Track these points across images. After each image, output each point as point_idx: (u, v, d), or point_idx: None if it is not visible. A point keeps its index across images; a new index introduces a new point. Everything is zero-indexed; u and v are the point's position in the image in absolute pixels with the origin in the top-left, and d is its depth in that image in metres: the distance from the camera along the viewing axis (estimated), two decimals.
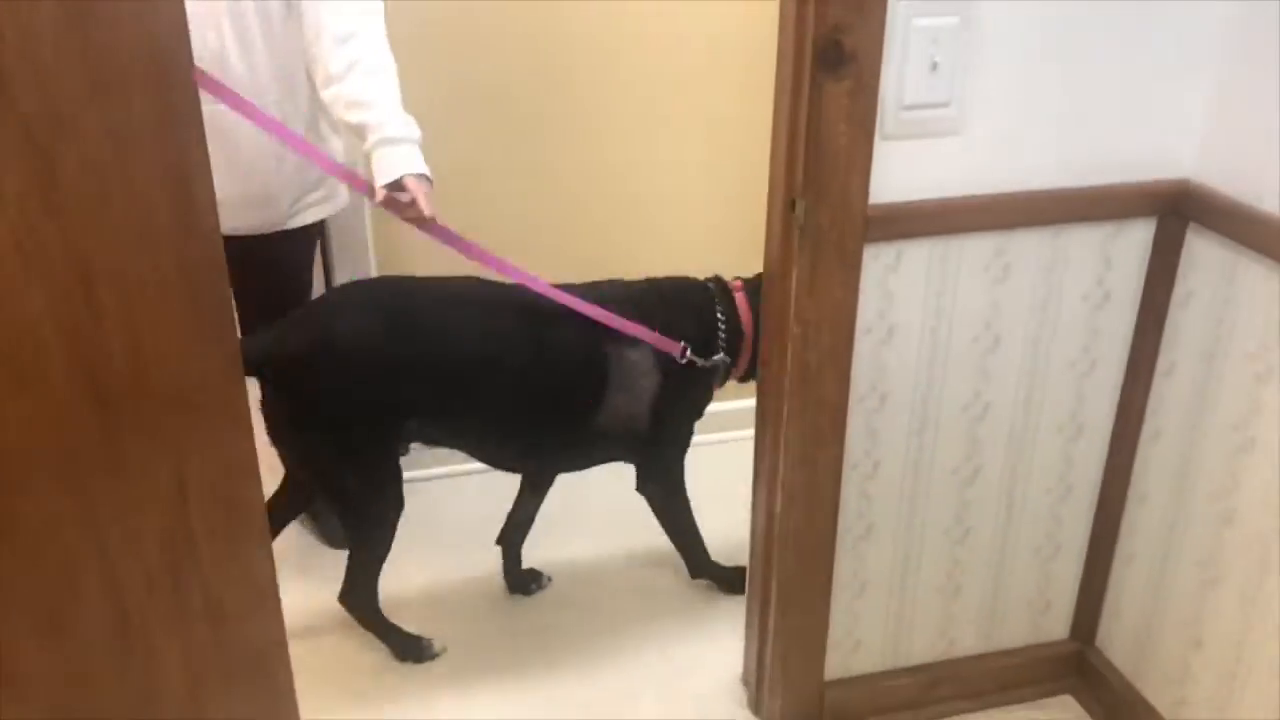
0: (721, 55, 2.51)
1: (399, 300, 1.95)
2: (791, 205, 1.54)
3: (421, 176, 1.83)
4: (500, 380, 1.96)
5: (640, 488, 2.21)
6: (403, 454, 2.13)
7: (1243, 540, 1.62)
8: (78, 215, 1.06)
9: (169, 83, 1.07)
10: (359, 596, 2.11)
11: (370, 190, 1.86)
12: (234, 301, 1.32)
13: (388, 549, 2.06)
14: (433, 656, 2.16)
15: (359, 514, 2.04)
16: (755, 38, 1.55)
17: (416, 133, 1.86)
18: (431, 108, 2.38)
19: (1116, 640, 1.94)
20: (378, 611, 2.14)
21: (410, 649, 2.16)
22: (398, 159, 1.82)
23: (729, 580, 2.29)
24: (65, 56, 1.01)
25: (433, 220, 1.84)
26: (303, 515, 2.51)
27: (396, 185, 1.82)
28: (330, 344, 1.90)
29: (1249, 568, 1.61)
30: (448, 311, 1.97)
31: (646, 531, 2.48)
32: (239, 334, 1.35)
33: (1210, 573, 1.69)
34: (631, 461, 2.16)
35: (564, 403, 2.01)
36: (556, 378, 1.99)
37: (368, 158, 1.85)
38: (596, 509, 2.57)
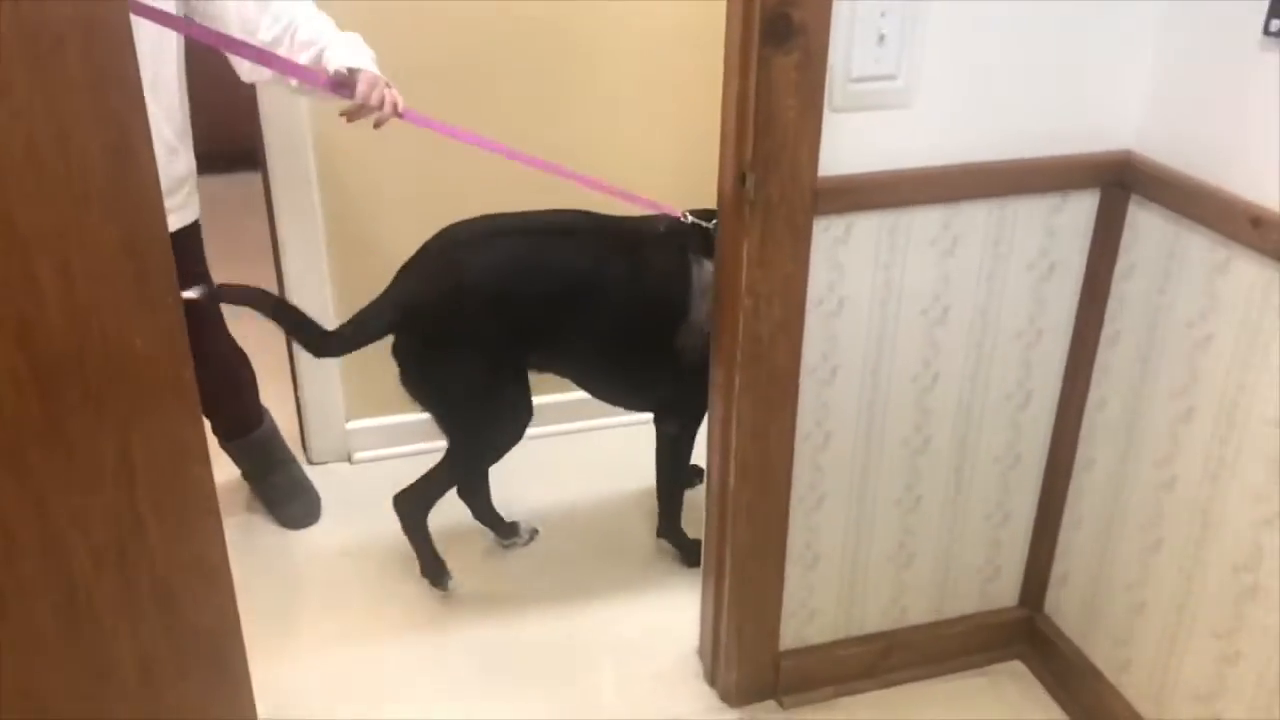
0: (683, 30, 2.51)
1: (512, 236, 2.06)
2: (742, 179, 1.55)
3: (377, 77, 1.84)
4: (604, 303, 2.05)
5: (660, 421, 2.24)
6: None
7: (1182, 505, 1.66)
8: (8, 177, 1.04)
9: (104, 37, 1.05)
10: (415, 507, 2.20)
11: (342, 89, 1.83)
12: None
13: (475, 478, 2.25)
14: (445, 588, 2.24)
15: (478, 442, 2.16)
16: (715, 11, 1.55)
17: (368, 50, 1.88)
18: (398, 69, 2.38)
19: (1064, 606, 1.98)
20: (424, 524, 2.22)
21: (432, 572, 2.25)
22: (349, 54, 1.84)
23: (688, 551, 2.31)
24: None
25: (405, 110, 1.86)
26: (259, 501, 2.50)
27: (352, 81, 1.82)
28: (461, 285, 2.02)
29: (1189, 532, 1.65)
30: (555, 242, 2.08)
31: (603, 507, 2.50)
32: None
33: (1152, 537, 1.73)
34: (674, 394, 2.15)
35: (657, 320, 2.05)
36: (651, 296, 2.06)
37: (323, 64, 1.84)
38: (559, 487, 2.58)
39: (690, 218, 2.02)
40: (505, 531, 2.38)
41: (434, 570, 2.25)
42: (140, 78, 1.09)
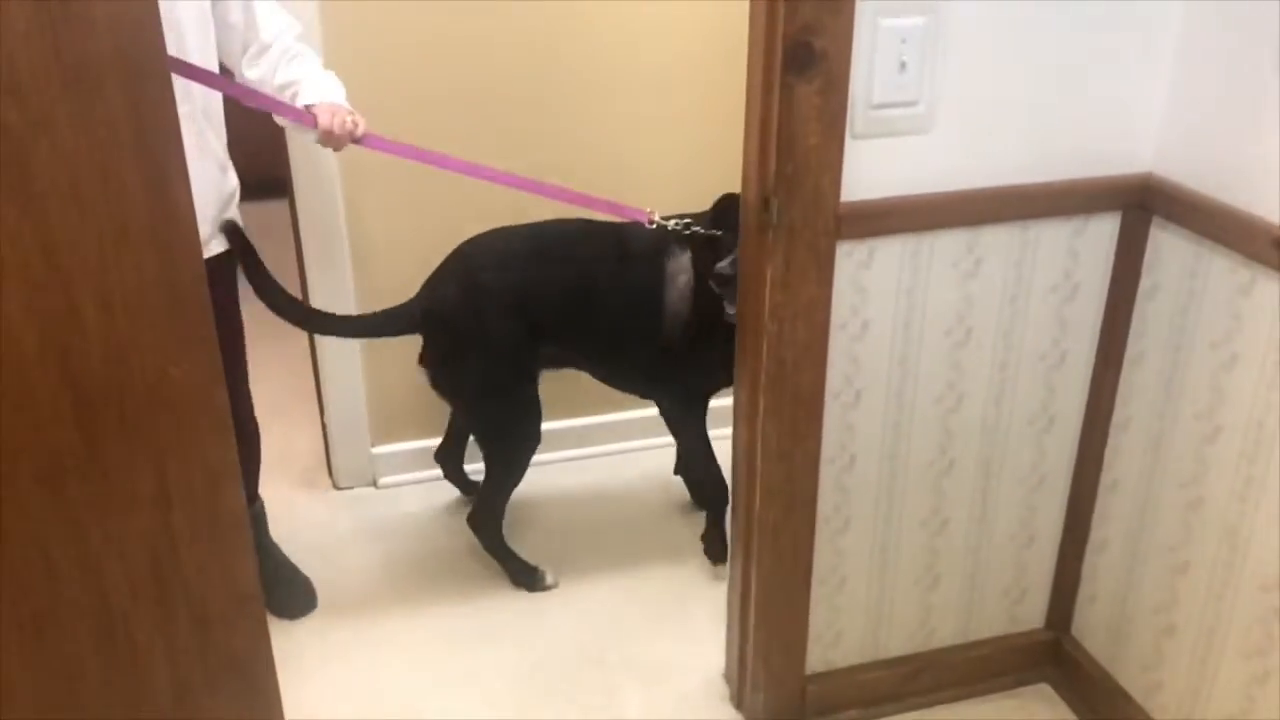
0: (703, 51, 2.53)
1: (524, 244, 2.24)
2: (765, 204, 1.56)
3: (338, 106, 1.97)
4: (598, 298, 2.23)
5: (658, 404, 2.42)
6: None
7: (1210, 526, 1.65)
8: (54, 214, 1.07)
9: (143, 77, 1.08)
10: (487, 521, 2.34)
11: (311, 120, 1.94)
12: None
13: (520, 477, 2.32)
14: (545, 587, 2.33)
15: (503, 441, 2.30)
16: (735, 34, 1.58)
17: (340, 87, 2.01)
18: (424, 107, 2.43)
19: (1091, 628, 1.97)
20: (500, 537, 2.35)
21: (525, 577, 2.35)
22: (315, 93, 1.96)
23: (714, 548, 2.39)
24: (39, 59, 1.01)
25: (366, 134, 1.98)
26: None
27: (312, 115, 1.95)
28: (477, 287, 2.20)
29: (1217, 553, 1.65)
30: (559, 248, 2.26)
31: (627, 531, 2.51)
32: None
33: (1180, 558, 1.72)
34: (660, 374, 2.32)
35: (638, 309, 2.22)
36: (638, 290, 2.22)
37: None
38: (584, 512, 2.59)
39: (658, 220, 2.13)
40: (526, 577, 2.37)
41: (526, 576, 2.35)
42: (177, 114, 1.12)
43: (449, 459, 2.61)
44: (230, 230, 2.05)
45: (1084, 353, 1.81)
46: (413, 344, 2.62)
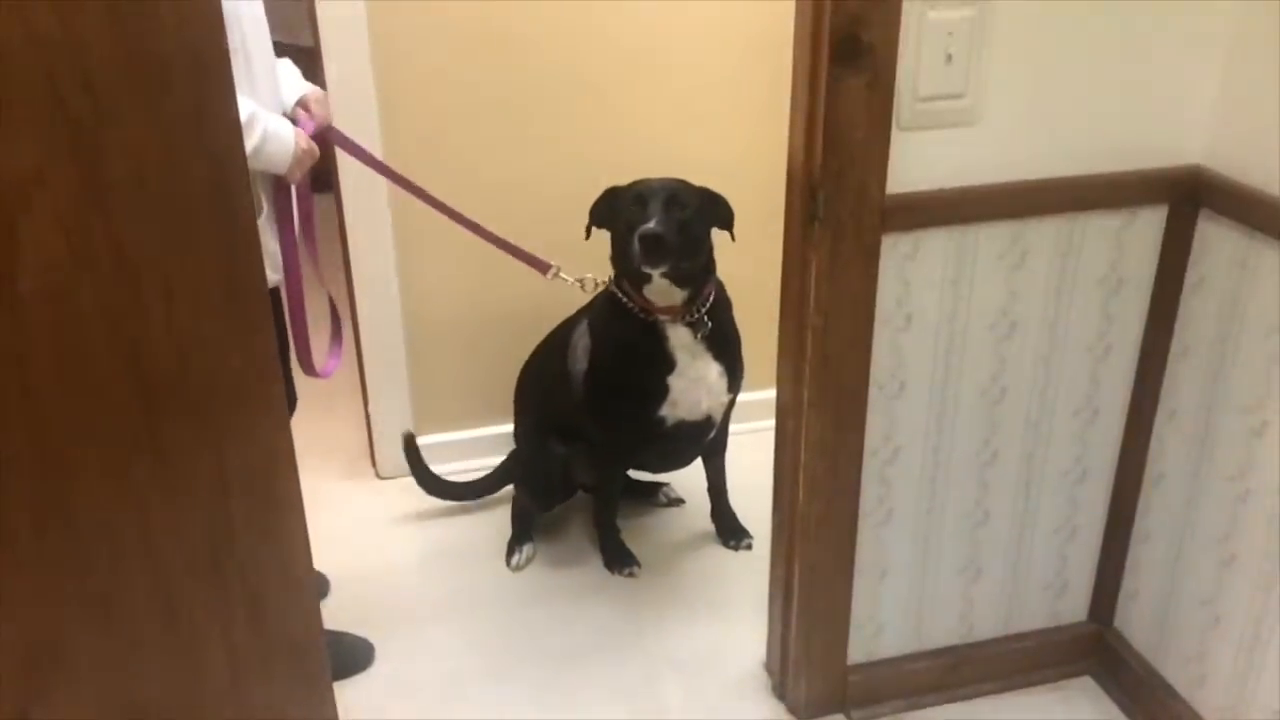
0: (744, 44, 2.54)
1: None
2: (812, 196, 1.57)
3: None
4: (543, 364, 2.42)
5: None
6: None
7: (1258, 518, 1.65)
8: (123, 207, 1.10)
9: (208, 75, 1.11)
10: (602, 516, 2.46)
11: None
12: None
13: (544, 498, 2.47)
14: (630, 574, 2.39)
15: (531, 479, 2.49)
16: (780, 30, 1.59)
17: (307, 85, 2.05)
18: (461, 112, 2.45)
19: (1134, 621, 1.97)
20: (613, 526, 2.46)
21: (618, 560, 2.42)
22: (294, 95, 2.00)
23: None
24: (110, 54, 1.04)
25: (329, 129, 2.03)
26: None
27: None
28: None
29: (1265, 545, 1.64)
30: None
31: (666, 520, 2.52)
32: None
33: (1227, 550, 1.72)
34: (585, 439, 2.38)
35: (567, 386, 2.31)
36: (569, 363, 2.31)
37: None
38: (624, 503, 2.61)
39: (557, 272, 2.26)
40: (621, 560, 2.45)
41: (619, 561, 2.42)
42: (239, 112, 1.15)
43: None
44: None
45: (1129, 346, 1.80)
46: (456, 338, 2.66)
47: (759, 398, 2.33)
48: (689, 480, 2.55)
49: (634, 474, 2.60)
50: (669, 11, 2.49)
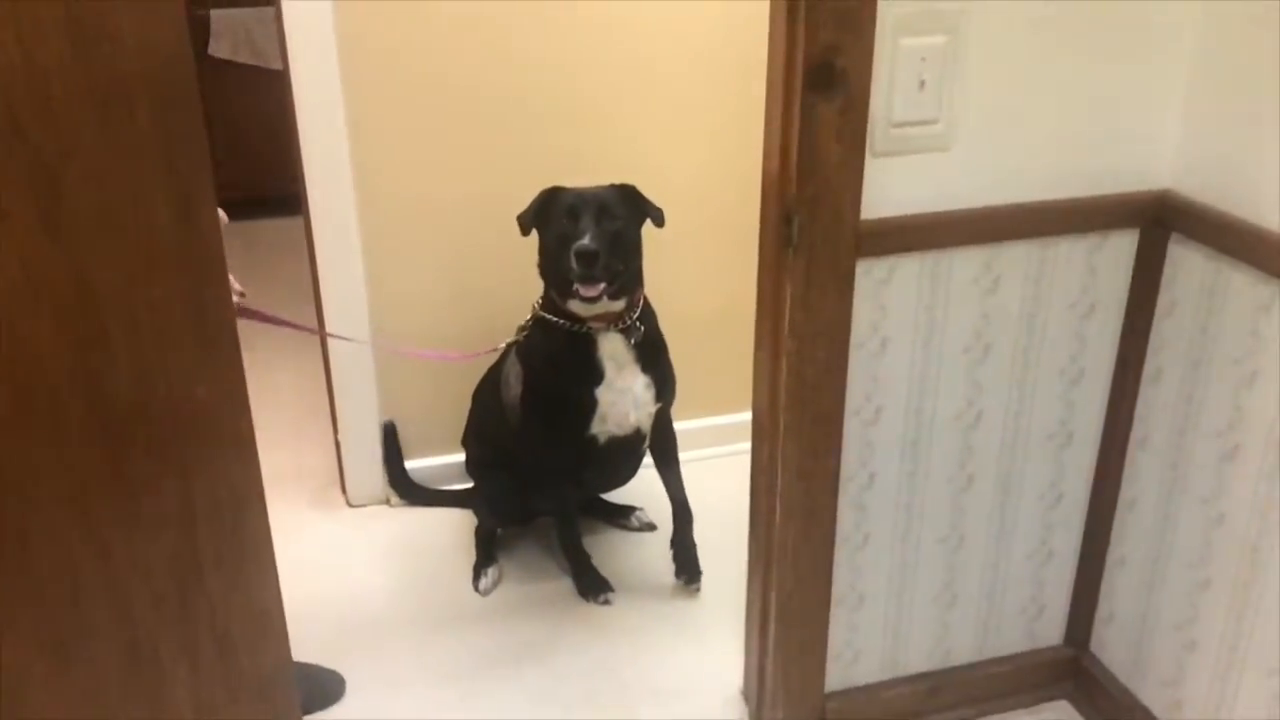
0: (721, 63, 2.55)
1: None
2: (786, 222, 1.57)
3: None
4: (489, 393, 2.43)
5: None
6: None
7: (1231, 542, 1.65)
8: (84, 237, 1.07)
9: (172, 101, 1.09)
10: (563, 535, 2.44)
11: None
12: None
13: (497, 518, 2.49)
14: (606, 602, 2.36)
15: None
16: (759, 54, 1.59)
17: None
18: (430, 129, 2.44)
19: (1110, 645, 1.97)
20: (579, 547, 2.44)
21: (592, 587, 2.38)
22: None
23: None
24: (72, 83, 1.02)
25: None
26: None
27: None
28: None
29: (1239, 569, 1.64)
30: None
31: (639, 544, 2.50)
32: None
33: (1201, 574, 1.72)
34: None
35: (503, 417, 2.36)
36: (503, 393, 2.36)
37: None
38: (600, 530, 2.59)
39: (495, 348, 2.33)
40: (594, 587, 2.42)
41: (592, 588, 2.39)
42: (205, 139, 1.13)
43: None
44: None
45: (1102, 369, 1.81)
46: (427, 362, 2.63)
47: (736, 420, 2.32)
48: (662, 505, 2.53)
49: (607, 497, 2.59)
50: (646, 32, 2.50)
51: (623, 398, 2.20)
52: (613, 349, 2.17)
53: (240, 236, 2.22)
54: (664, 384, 2.27)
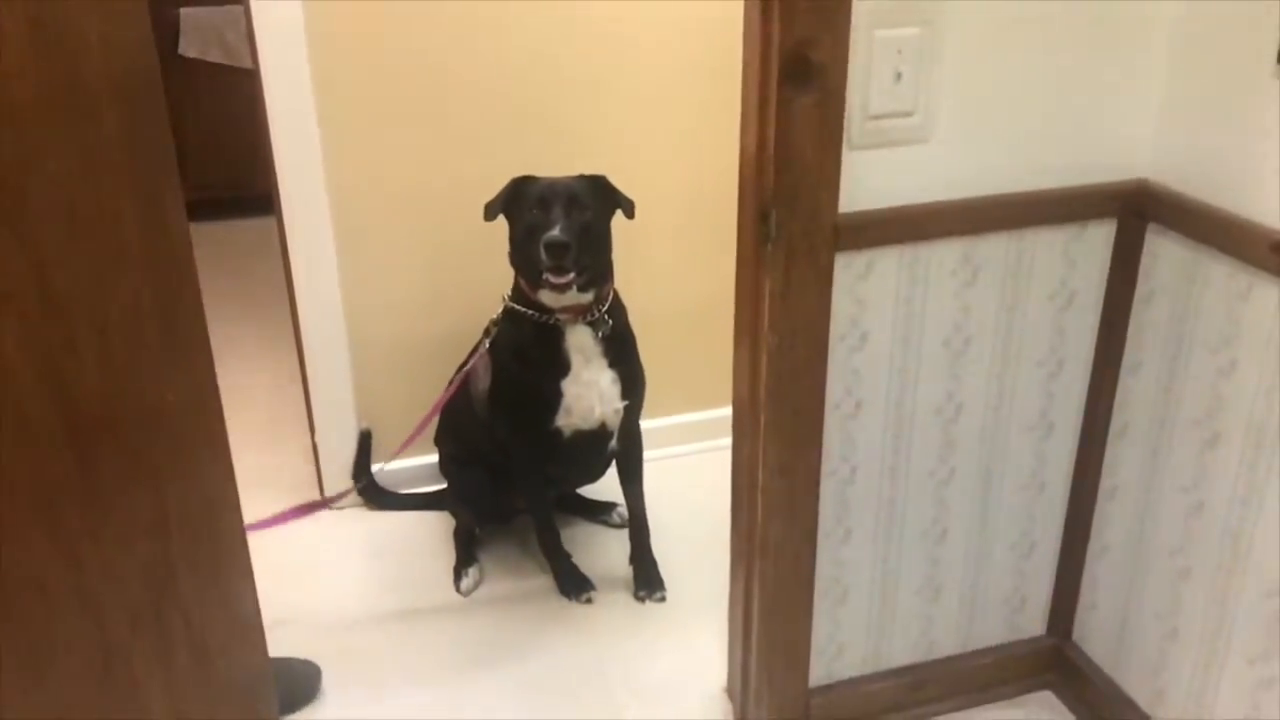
0: (700, 57, 2.53)
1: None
2: (764, 217, 1.56)
3: None
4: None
5: None
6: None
7: (1211, 531, 1.65)
8: (49, 241, 1.05)
9: (138, 101, 1.06)
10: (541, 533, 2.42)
11: None
12: None
13: (473, 516, 2.48)
14: (588, 600, 2.34)
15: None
16: (728, 42, 1.58)
17: None
18: (403, 125, 2.41)
19: (1093, 634, 1.97)
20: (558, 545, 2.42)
21: (573, 585, 2.37)
22: None
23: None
24: (34, 83, 1.00)
25: None
26: None
27: None
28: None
29: (1219, 558, 1.64)
30: None
31: (622, 542, 2.49)
32: None
33: (1182, 563, 1.72)
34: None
35: (472, 410, 2.34)
36: (473, 388, 2.33)
37: None
38: (582, 529, 2.58)
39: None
40: (575, 585, 2.41)
41: (575, 584, 2.37)
42: (171, 139, 1.11)
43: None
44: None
45: (1082, 359, 1.81)
46: (404, 363, 2.61)
47: (715, 416, 2.31)
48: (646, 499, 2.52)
49: (586, 494, 2.58)
50: (620, 27, 2.48)
51: (588, 391, 2.18)
52: (580, 341, 2.16)
53: (212, 237, 2.19)
54: (631, 381, 2.25)
